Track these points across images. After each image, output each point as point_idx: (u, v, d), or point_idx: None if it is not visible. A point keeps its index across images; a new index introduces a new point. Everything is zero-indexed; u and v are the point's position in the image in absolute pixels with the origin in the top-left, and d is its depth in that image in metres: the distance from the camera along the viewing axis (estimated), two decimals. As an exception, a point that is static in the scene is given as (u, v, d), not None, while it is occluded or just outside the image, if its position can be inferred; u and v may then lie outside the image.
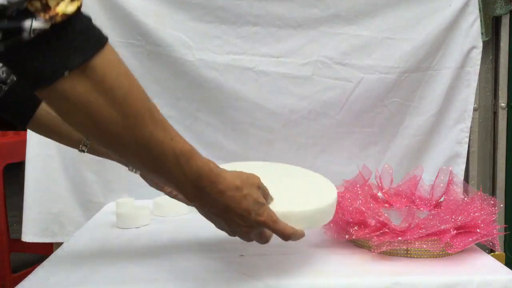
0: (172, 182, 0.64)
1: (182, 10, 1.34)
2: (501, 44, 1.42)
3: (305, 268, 0.83)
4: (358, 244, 0.92)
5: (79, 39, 0.52)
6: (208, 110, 1.38)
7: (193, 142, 1.57)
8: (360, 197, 0.95)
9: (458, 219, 0.87)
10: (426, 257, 0.86)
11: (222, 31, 1.35)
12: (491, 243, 0.90)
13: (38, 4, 0.48)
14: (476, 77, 1.40)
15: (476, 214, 0.90)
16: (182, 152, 0.62)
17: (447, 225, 0.86)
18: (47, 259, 0.90)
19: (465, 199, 0.98)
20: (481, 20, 1.38)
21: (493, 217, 0.92)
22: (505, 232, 1.16)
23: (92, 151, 0.94)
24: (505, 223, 1.38)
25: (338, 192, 1.04)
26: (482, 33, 1.38)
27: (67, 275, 0.82)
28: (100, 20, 1.31)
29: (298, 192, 0.85)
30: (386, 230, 0.87)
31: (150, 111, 0.58)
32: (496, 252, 1.03)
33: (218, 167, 0.66)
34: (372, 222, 0.89)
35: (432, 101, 1.41)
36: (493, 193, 1.46)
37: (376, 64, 1.38)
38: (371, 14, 1.37)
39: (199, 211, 0.69)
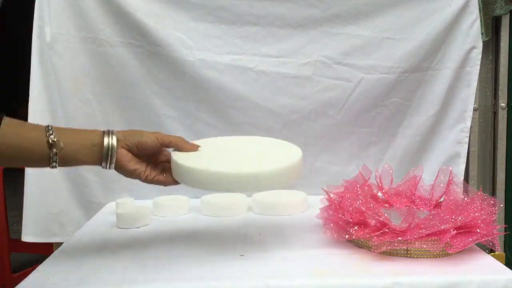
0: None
1: (182, 10, 1.34)
2: (501, 44, 1.42)
3: (305, 268, 0.83)
4: (358, 244, 0.92)
5: None
6: (208, 110, 1.38)
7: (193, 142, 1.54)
8: (360, 197, 0.95)
9: (458, 219, 0.87)
10: (426, 257, 0.86)
11: (222, 31, 1.36)
12: (491, 243, 0.90)
13: None
14: (476, 77, 1.40)
15: (476, 214, 0.90)
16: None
17: (447, 225, 0.86)
18: (47, 259, 0.90)
19: (465, 199, 0.98)
20: (481, 20, 1.38)
21: (493, 217, 0.92)
22: (505, 232, 1.16)
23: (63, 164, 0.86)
24: (505, 223, 1.38)
25: (338, 192, 1.04)
26: (482, 33, 1.38)
27: (67, 275, 0.82)
28: (100, 20, 1.31)
29: (265, 155, 0.93)
30: (386, 230, 0.87)
31: None
32: (496, 252, 1.03)
33: None
34: (372, 222, 0.89)
35: (432, 101, 1.41)
36: (493, 193, 1.46)
37: (376, 64, 1.38)
38: (371, 14, 1.37)
39: None
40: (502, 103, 1.43)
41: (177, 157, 0.89)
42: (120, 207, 1.14)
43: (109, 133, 0.86)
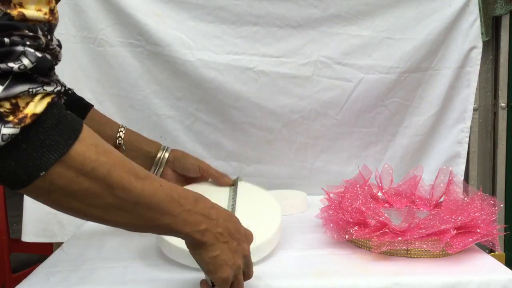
0: (177, 224, 0.62)
1: (182, 10, 1.34)
2: (501, 44, 1.42)
3: (305, 268, 0.83)
4: (358, 244, 0.92)
5: (51, 136, 0.51)
6: (208, 110, 1.38)
7: (193, 142, 1.56)
8: (360, 197, 0.95)
9: (458, 219, 0.87)
10: (426, 257, 0.86)
11: (222, 31, 1.35)
12: (491, 243, 0.90)
13: (7, 105, 0.48)
14: (476, 77, 1.40)
15: (476, 214, 0.90)
16: (172, 190, 0.62)
17: (447, 225, 0.86)
18: (47, 259, 0.90)
19: (465, 199, 0.98)
20: (481, 20, 1.38)
21: (493, 217, 0.92)
22: (505, 232, 1.15)
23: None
24: (505, 223, 1.38)
25: (338, 192, 1.04)
26: (482, 33, 1.38)
27: (67, 275, 0.82)
28: (100, 20, 1.31)
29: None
30: (386, 230, 0.87)
31: (134, 172, 0.58)
32: (496, 252, 1.03)
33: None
34: (372, 222, 0.89)
35: (432, 101, 1.41)
36: (493, 193, 1.46)
37: (376, 64, 1.38)
38: (371, 14, 1.37)
39: (206, 250, 0.65)
40: (502, 103, 1.43)
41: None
42: (120, 207, 1.14)
43: (163, 150, 1.02)
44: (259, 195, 1.05)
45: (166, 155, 1.01)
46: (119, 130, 0.99)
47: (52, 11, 0.54)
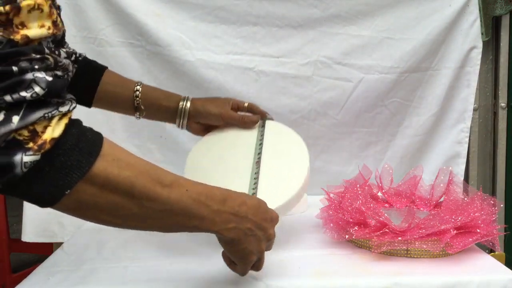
0: (205, 225, 0.64)
1: (182, 10, 1.34)
2: (501, 44, 1.42)
3: (305, 268, 0.83)
4: (358, 244, 0.92)
5: (72, 156, 0.52)
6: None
7: (193, 142, 1.57)
8: (360, 197, 0.95)
9: (458, 219, 0.87)
10: (426, 257, 0.86)
11: (222, 31, 1.36)
12: (491, 243, 0.90)
13: (25, 132, 0.49)
14: (476, 77, 1.40)
15: (476, 214, 0.90)
16: (199, 194, 0.63)
17: (447, 225, 0.86)
18: (47, 259, 0.90)
19: (465, 199, 0.98)
20: (481, 20, 1.38)
21: (493, 217, 0.91)
22: (505, 232, 1.15)
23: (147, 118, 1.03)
24: (505, 223, 1.38)
25: (338, 192, 1.04)
26: (482, 33, 1.38)
27: (67, 275, 0.82)
28: (100, 20, 1.31)
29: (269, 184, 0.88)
30: (386, 230, 0.87)
31: (159, 181, 0.59)
32: (496, 252, 1.03)
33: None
34: (372, 222, 0.89)
35: (432, 101, 1.41)
36: (493, 193, 1.46)
37: (376, 64, 1.38)
38: (371, 14, 1.37)
39: (235, 245, 0.68)
40: (502, 103, 1.43)
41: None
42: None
43: (184, 100, 0.99)
44: (287, 136, 1.03)
45: (188, 105, 0.99)
46: (135, 89, 0.97)
47: (55, 23, 0.54)
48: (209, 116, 1.00)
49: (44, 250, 1.52)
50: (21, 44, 0.50)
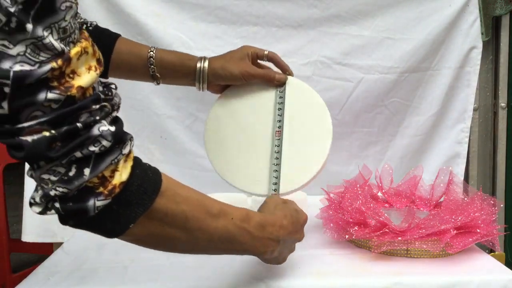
0: (246, 250, 0.70)
1: (182, 10, 1.34)
2: (501, 44, 1.42)
3: (305, 268, 0.83)
4: (358, 244, 0.92)
5: (137, 195, 0.56)
6: (208, 110, 1.38)
7: (193, 142, 1.55)
8: (360, 197, 0.95)
9: (458, 219, 0.87)
10: (426, 257, 0.86)
11: (222, 31, 1.35)
12: (491, 243, 0.90)
13: (95, 180, 0.52)
14: (476, 77, 1.40)
15: (476, 214, 0.90)
16: (243, 221, 0.67)
17: (447, 225, 0.86)
18: (47, 259, 0.90)
19: (465, 199, 0.98)
20: (481, 20, 1.38)
21: (493, 217, 0.91)
22: (505, 232, 1.15)
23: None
24: (505, 223, 1.38)
25: (338, 192, 1.04)
26: (482, 33, 1.38)
27: (67, 275, 0.82)
28: (100, 20, 1.31)
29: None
30: (386, 230, 0.87)
31: (208, 212, 0.63)
32: (496, 252, 1.03)
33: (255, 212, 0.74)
34: (372, 222, 0.89)
35: (432, 101, 1.41)
36: (493, 193, 1.46)
37: (376, 64, 1.38)
38: (371, 14, 1.37)
39: (271, 259, 0.75)
40: (502, 103, 1.43)
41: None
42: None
43: (201, 62, 0.95)
44: (309, 97, 1.03)
45: (206, 66, 0.95)
46: (149, 57, 0.93)
47: (99, 60, 0.54)
48: (230, 78, 0.96)
49: (44, 250, 1.52)
50: (78, 97, 0.50)
